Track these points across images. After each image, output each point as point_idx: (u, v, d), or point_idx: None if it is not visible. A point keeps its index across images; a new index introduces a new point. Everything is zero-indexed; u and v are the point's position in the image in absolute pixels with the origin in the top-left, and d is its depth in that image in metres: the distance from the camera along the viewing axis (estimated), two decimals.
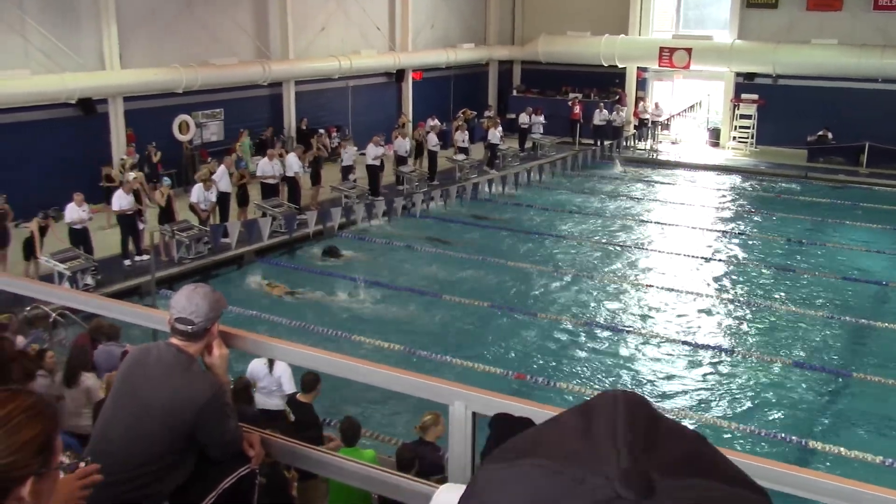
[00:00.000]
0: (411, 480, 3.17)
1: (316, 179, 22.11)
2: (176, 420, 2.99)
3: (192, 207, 18.59)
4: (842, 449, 10.89)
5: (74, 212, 16.51)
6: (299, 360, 3.62)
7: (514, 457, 0.88)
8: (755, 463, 2.57)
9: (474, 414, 2.93)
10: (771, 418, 12.13)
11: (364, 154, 23.79)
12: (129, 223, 17.23)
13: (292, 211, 20.07)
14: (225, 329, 3.31)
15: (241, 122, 25.05)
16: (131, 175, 19.26)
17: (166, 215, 18.07)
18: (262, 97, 26.35)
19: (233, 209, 20.07)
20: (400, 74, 31.14)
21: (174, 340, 3.10)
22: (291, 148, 23.04)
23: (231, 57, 24.71)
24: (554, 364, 13.83)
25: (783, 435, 11.46)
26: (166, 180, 18.99)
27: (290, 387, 9.55)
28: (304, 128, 26.90)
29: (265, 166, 20.54)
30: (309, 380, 8.73)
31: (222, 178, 19.23)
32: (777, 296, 17.25)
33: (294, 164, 21.08)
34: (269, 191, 20.54)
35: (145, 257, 16.78)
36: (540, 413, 2.82)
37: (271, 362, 9.55)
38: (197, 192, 18.50)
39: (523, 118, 31.24)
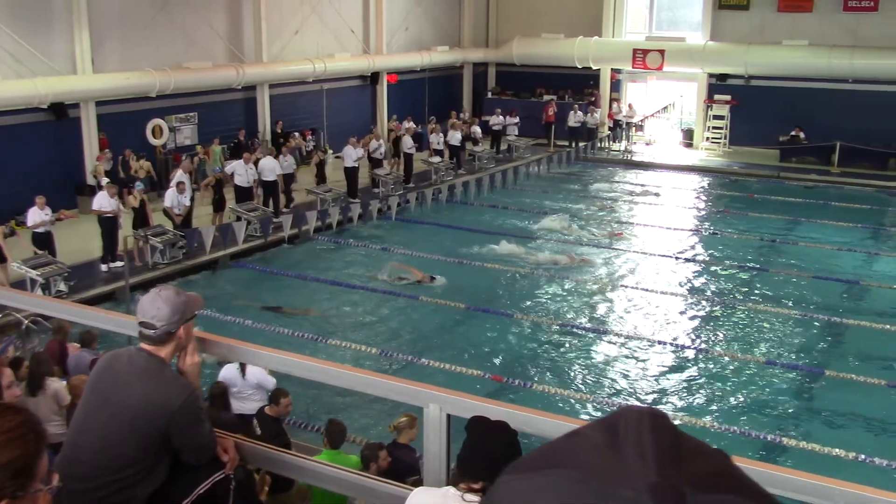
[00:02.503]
0: (385, 483, 3.18)
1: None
2: (149, 425, 2.97)
3: (166, 212, 18.48)
4: (815, 445, 11.00)
5: (37, 215, 16.35)
6: (274, 364, 3.60)
7: (538, 467, 0.89)
8: None
9: (449, 416, 2.94)
10: (745, 416, 12.23)
11: (340, 157, 23.75)
12: (108, 226, 17.09)
13: (267, 214, 20.00)
14: (199, 334, 3.29)
15: (216, 126, 24.93)
16: (105, 180, 19.12)
17: (140, 220, 17.94)
18: (236, 101, 26.23)
19: (207, 213, 20.00)
20: (375, 77, 31.13)
21: (143, 345, 3.09)
22: (266, 151, 22.92)
23: (205, 60, 24.58)
24: (531, 365, 13.86)
25: (757, 432, 11.56)
26: (139, 185, 18.86)
27: (270, 383, 9.53)
28: (278, 131, 26.83)
29: (240, 169, 20.45)
30: (276, 393, 8.69)
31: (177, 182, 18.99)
32: (750, 294, 17.40)
33: (269, 167, 21.02)
34: (243, 194, 20.46)
35: (119, 263, 16.65)
36: (516, 415, 2.83)
37: (243, 367, 9.50)
38: (170, 197, 18.38)
39: (493, 120, 31.32)
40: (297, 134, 26.63)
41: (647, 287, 17.59)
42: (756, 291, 17.55)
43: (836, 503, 2.42)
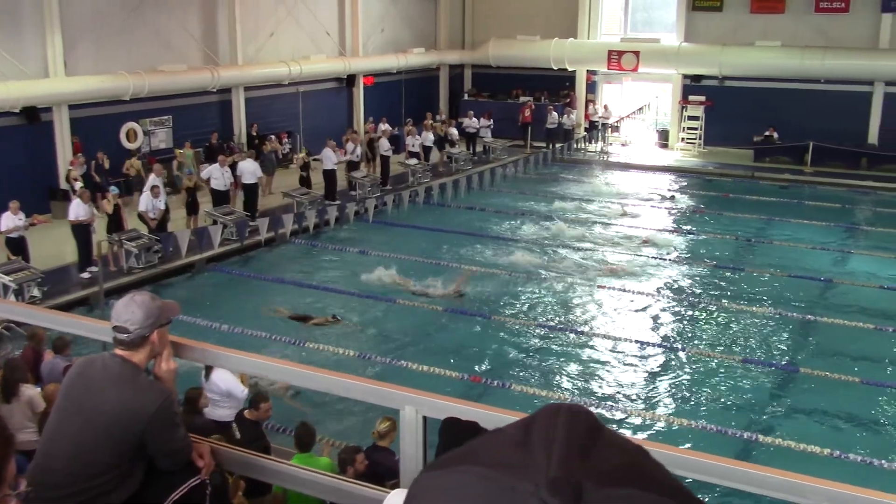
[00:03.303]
0: (363, 486, 3.17)
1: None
2: (123, 431, 2.95)
3: (141, 216, 18.35)
4: (791, 442, 11.10)
5: (10, 220, 16.19)
6: (250, 368, 3.60)
7: (451, 463, 0.91)
8: (701, 459, 2.61)
9: (425, 418, 2.94)
10: (720, 414, 12.33)
11: (319, 160, 23.68)
12: (83, 234, 16.93)
13: (243, 218, 19.91)
14: (174, 338, 3.27)
15: (190, 130, 24.80)
16: (79, 185, 18.97)
17: (115, 224, 17.81)
18: (211, 103, 26.10)
19: (182, 217, 19.89)
20: (351, 79, 31.08)
21: (117, 351, 3.07)
22: (245, 154, 22.82)
23: (179, 63, 24.44)
24: (509, 366, 13.90)
25: (733, 430, 11.66)
26: (113, 189, 18.72)
27: (241, 393, 9.42)
28: (254, 133, 26.72)
29: (215, 172, 20.35)
30: (256, 398, 8.65)
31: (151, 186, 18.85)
32: (726, 293, 17.52)
33: (249, 170, 20.95)
34: (220, 198, 20.36)
35: (94, 268, 16.51)
36: (491, 416, 2.84)
37: (208, 371, 9.41)
38: (145, 201, 18.24)
39: (467, 122, 31.39)
40: (273, 137, 26.55)
41: (623, 287, 17.67)
42: (731, 290, 17.68)
43: (809, 500, 2.45)
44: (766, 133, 31.04)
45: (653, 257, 19.81)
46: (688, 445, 10.98)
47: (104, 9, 22.57)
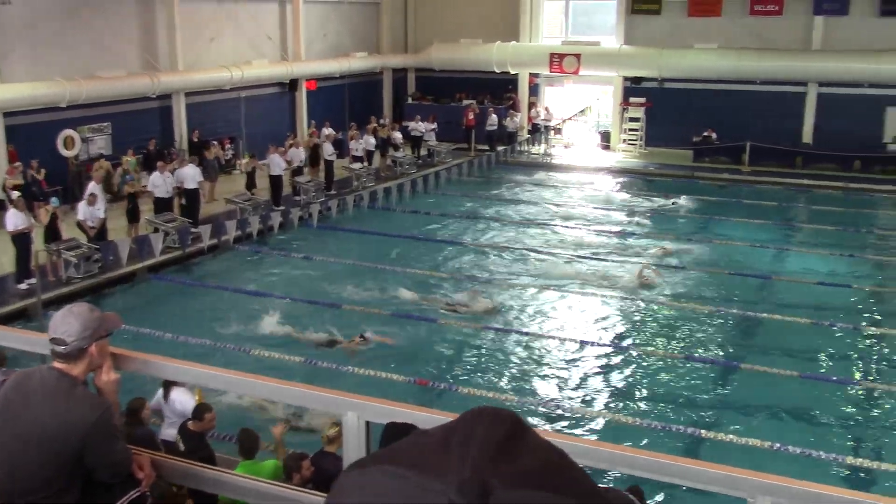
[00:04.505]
0: (307, 493, 3.16)
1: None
2: (61, 445, 2.90)
3: (80, 225, 17.99)
4: (733, 437, 11.32)
5: None
6: (192, 378, 3.56)
7: (371, 463, 0.94)
8: (640, 456, 2.66)
9: (368, 423, 2.94)
10: (664, 411, 12.52)
11: (266, 164, 23.47)
12: (22, 244, 16.53)
13: (185, 225, 19.63)
14: (115, 350, 3.23)
15: (130, 136, 24.40)
16: (15, 194, 18.49)
17: (51, 234, 17.41)
18: (151, 109, 25.72)
19: (123, 226, 19.55)
20: (293, 84, 30.89)
21: (55, 364, 3.02)
22: (187, 160, 22.52)
23: (118, 69, 24.03)
24: (456, 368, 13.94)
25: (677, 426, 11.84)
26: (54, 201, 18.25)
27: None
28: (195, 140, 26.38)
29: (157, 179, 20.05)
30: (200, 409, 8.55)
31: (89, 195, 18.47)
32: (667, 291, 17.79)
33: (190, 175, 20.67)
34: (161, 205, 20.05)
35: (32, 280, 16.14)
36: (435, 419, 2.85)
37: (167, 390, 9.33)
38: (83, 209, 17.88)
39: (412, 125, 31.46)
40: (215, 143, 26.23)
41: (569, 288, 17.84)
42: (673, 288, 17.96)
43: (744, 492, 2.51)
44: (705, 134, 31.62)
45: (595, 258, 20.02)
46: (629, 443, 11.15)
47: (40, 14, 22.10)
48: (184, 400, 9.30)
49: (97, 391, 3.13)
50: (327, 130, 27.88)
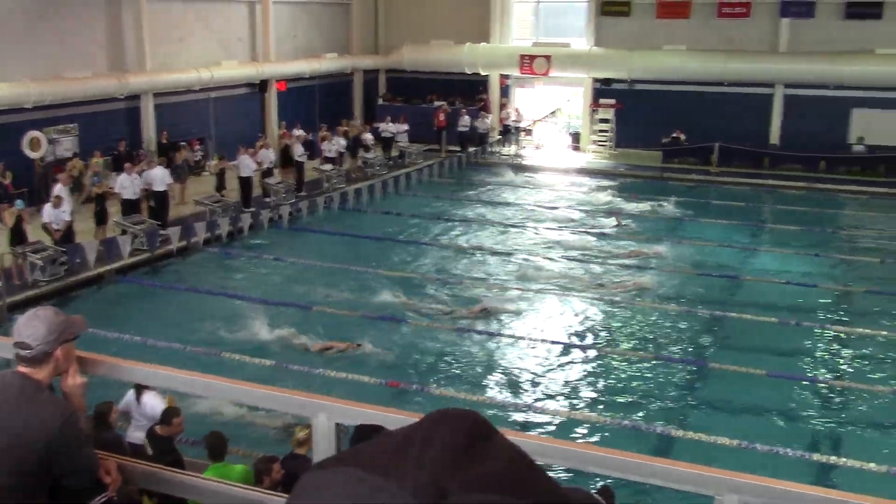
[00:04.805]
0: (278, 496, 3.14)
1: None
2: (26, 451, 2.86)
3: (45, 227, 17.76)
4: (701, 435, 11.42)
5: None
6: (160, 381, 3.53)
7: (333, 464, 0.95)
8: (609, 455, 2.68)
9: (338, 425, 2.94)
10: (634, 410, 12.60)
11: (236, 165, 23.34)
12: None
13: (154, 227, 19.45)
14: (81, 354, 3.20)
15: (98, 137, 24.13)
16: None
17: (17, 237, 17.17)
18: (119, 110, 25.45)
19: (90, 228, 19.34)
20: (263, 85, 30.71)
21: (20, 368, 2.98)
22: (156, 161, 22.30)
23: (85, 70, 23.76)
24: (427, 370, 13.94)
25: (647, 426, 11.93)
26: (19, 203, 18.01)
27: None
28: (164, 141, 26.14)
29: (125, 181, 19.84)
30: (168, 413, 8.49)
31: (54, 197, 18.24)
32: (637, 291, 17.90)
33: (159, 177, 20.49)
34: (129, 207, 19.86)
35: None
36: (406, 420, 2.85)
37: (139, 393, 9.24)
38: (48, 212, 17.65)
39: (383, 126, 31.42)
40: (184, 144, 26.02)
41: (538, 288, 17.90)
42: (643, 288, 18.06)
43: (711, 490, 2.53)
44: (674, 135, 31.87)
45: (566, 258, 20.11)
46: (595, 440, 11.23)
47: (4, 14, 21.81)
48: (155, 404, 9.23)
49: (63, 396, 3.09)
50: (297, 131, 27.75)
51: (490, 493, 0.87)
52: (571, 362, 14.44)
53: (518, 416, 12.38)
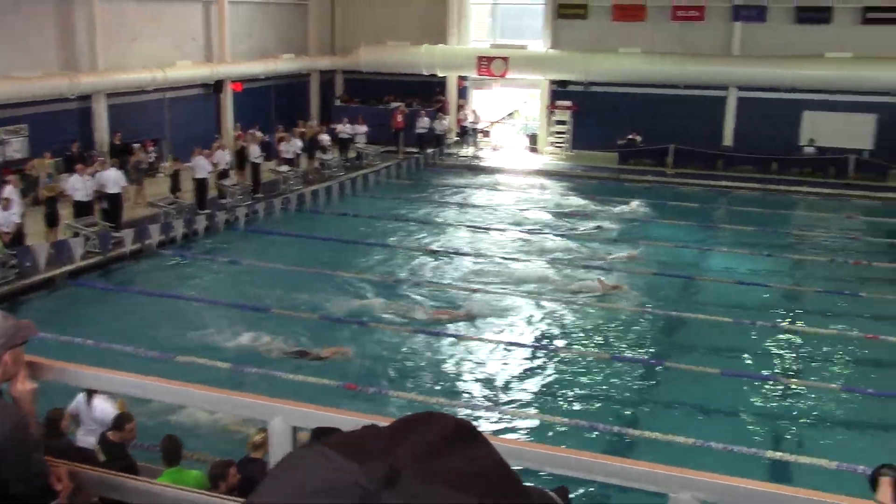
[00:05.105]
0: (234, 501, 3.12)
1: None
2: None
3: None
4: (657, 434, 11.54)
5: None
6: (114, 386, 3.48)
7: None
8: (567, 455, 2.70)
9: (294, 428, 2.92)
10: (591, 410, 12.70)
11: (190, 167, 23.07)
12: None
13: (106, 229, 19.16)
14: (31, 359, 3.14)
15: (48, 138, 23.71)
16: None
17: None
18: (70, 111, 25.04)
19: (40, 231, 18.99)
20: (218, 85, 30.41)
21: None
22: (109, 163, 21.97)
23: (35, 69, 23.33)
24: (385, 372, 13.90)
25: (603, 425, 12.03)
26: None
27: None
28: (117, 142, 25.75)
29: (77, 183, 19.52)
30: (120, 419, 8.37)
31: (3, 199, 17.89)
32: (594, 292, 18.02)
33: (113, 179, 20.18)
34: (81, 209, 19.53)
35: None
36: (363, 423, 2.84)
37: (90, 397, 9.09)
38: None
39: (340, 127, 31.33)
40: (137, 145, 25.65)
41: (495, 289, 17.95)
42: (599, 289, 18.20)
43: (664, 488, 2.56)
44: (630, 136, 32.19)
45: (523, 259, 20.20)
46: (550, 439, 11.28)
47: None
48: (105, 408, 9.07)
49: (12, 401, 3.04)
50: (256, 132, 27.52)
51: (447, 489, 0.89)
52: (526, 363, 14.50)
53: (476, 416, 12.40)
